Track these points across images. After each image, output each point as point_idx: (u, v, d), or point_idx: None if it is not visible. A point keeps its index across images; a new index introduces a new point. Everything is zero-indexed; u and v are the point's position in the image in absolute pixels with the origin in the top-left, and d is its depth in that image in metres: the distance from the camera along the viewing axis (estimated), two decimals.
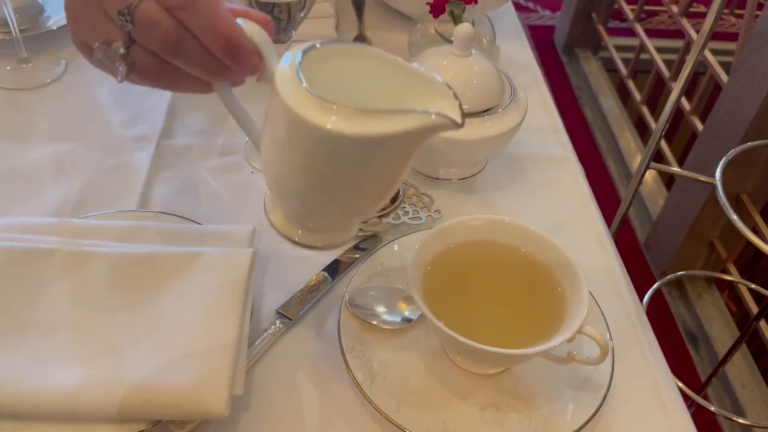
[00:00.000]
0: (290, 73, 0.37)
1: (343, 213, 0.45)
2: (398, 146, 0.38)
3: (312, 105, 0.36)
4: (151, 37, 0.38)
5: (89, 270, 0.54)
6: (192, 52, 0.39)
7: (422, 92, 0.40)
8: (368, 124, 0.36)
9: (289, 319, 0.56)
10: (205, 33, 0.38)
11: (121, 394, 0.46)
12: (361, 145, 0.37)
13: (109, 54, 0.39)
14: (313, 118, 0.36)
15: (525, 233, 0.54)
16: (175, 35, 0.38)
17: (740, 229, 0.72)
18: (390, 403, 0.50)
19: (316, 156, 0.38)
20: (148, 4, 0.37)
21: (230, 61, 0.40)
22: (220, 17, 0.38)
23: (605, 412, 0.52)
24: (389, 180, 0.42)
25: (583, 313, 0.48)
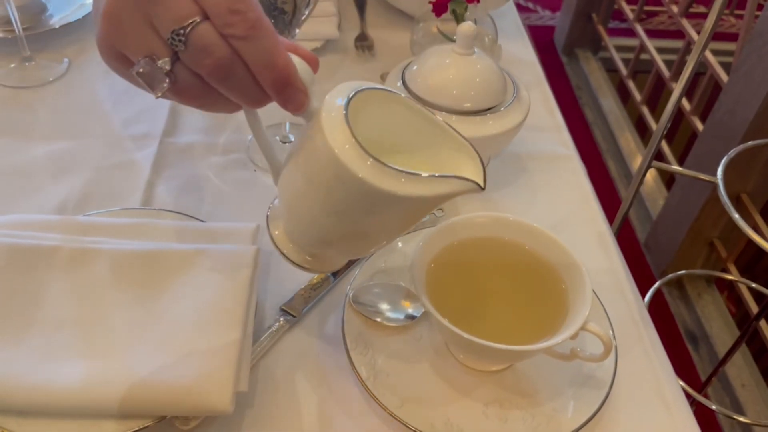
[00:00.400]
0: (339, 122, 0.39)
1: (351, 253, 0.49)
2: (430, 204, 0.43)
3: (361, 160, 0.38)
4: (201, 61, 0.37)
5: (93, 267, 0.54)
6: (240, 82, 0.38)
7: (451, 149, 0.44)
8: (413, 186, 0.39)
9: (293, 316, 0.56)
10: (259, 66, 0.38)
11: (125, 390, 0.46)
12: (402, 203, 0.40)
13: (152, 69, 0.37)
14: (363, 173, 0.38)
15: (528, 231, 0.54)
16: (227, 63, 0.37)
17: (742, 227, 0.73)
18: (393, 399, 0.50)
19: (354, 206, 0.40)
20: (206, 28, 0.36)
21: (278, 97, 0.39)
22: (277, 52, 0.38)
23: (608, 409, 0.52)
24: (401, 230, 0.46)
25: (586, 310, 0.48)
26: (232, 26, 0.36)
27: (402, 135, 0.46)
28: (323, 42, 0.87)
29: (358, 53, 0.88)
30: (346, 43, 0.90)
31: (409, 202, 0.40)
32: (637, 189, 0.79)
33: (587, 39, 2.47)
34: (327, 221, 0.42)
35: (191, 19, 0.36)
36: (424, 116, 0.45)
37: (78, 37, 0.86)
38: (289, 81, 0.39)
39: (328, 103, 0.40)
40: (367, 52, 0.89)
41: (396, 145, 0.46)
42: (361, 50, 0.89)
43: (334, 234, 0.44)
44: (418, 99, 0.66)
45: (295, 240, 0.46)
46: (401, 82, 0.68)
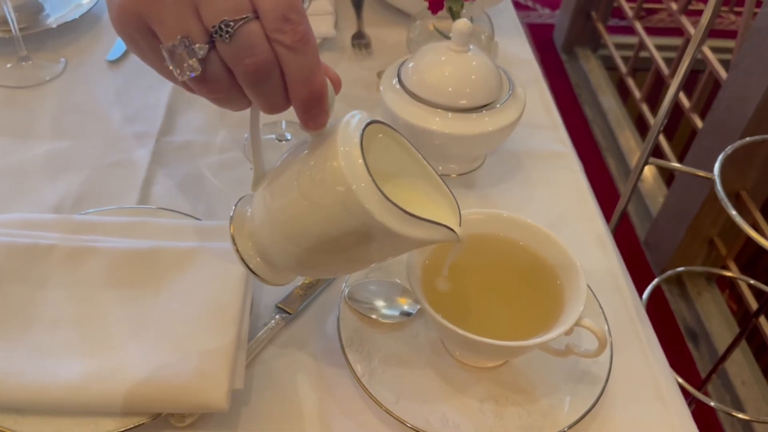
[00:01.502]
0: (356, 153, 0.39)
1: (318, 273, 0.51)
2: (417, 245, 0.44)
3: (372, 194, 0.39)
4: (242, 59, 0.36)
5: (90, 265, 0.54)
6: (271, 88, 0.38)
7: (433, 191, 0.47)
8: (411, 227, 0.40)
9: (289, 313, 0.56)
10: (297, 80, 0.37)
11: (121, 388, 0.47)
12: (395, 240, 0.41)
13: (187, 51, 0.36)
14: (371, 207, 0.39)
15: (524, 227, 0.54)
16: (266, 68, 0.36)
17: (739, 224, 0.73)
18: (389, 396, 0.50)
19: (348, 235, 0.40)
20: (256, 27, 0.35)
21: (304, 113, 0.39)
22: (317, 71, 0.37)
23: (604, 405, 0.52)
24: (382, 261, 0.47)
25: (580, 306, 0.48)
26: (282, 33, 0.36)
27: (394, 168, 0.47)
28: (320, 40, 0.87)
29: (355, 51, 0.88)
30: (343, 42, 0.90)
31: (402, 241, 0.41)
32: (634, 185, 0.78)
33: (587, 37, 2.47)
34: (313, 243, 0.42)
35: (245, 14, 0.35)
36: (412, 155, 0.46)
37: (75, 36, 0.86)
38: (320, 100, 0.39)
39: (346, 128, 0.40)
40: (364, 50, 0.89)
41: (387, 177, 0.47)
42: (358, 48, 0.89)
43: (313, 255, 0.43)
44: (414, 96, 0.66)
45: (261, 250, 0.45)
46: (397, 79, 0.68)
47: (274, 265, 0.45)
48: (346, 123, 0.41)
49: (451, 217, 0.45)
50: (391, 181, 0.46)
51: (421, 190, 0.47)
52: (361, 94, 0.82)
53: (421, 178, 0.47)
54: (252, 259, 0.45)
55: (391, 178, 0.46)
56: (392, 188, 0.45)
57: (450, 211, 0.46)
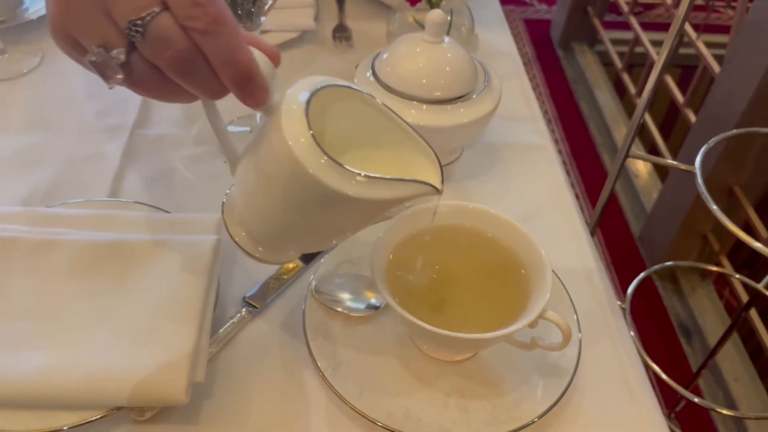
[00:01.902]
0: (297, 119, 0.38)
1: (304, 247, 0.49)
2: (386, 206, 0.42)
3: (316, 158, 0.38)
4: (160, 54, 0.36)
5: (53, 257, 0.53)
6: (200, 75, 0.37)
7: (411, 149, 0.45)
8: (372, 189, 0.39)
9: (256, 307, 0.56)
10: (220, 62, 0.37)
11: (80, 381, 0.46)
12: (356, 203, 0.40)
13: (106, 59, 0.36)
14: (317, 172, 0.38)
15: (490, 218, 0.53)
16: (187, 57, 0.36)
17: (720, 219, 0.72)
18: (353, 389, 0.50)
19: (307, 204, 0.40)
20: (166, 19, 0.35)
21: (238, 92, 0.39)
22: (239, 49, 0.37)
23: (572, 397, 0.51)
24: (358, 228, 0.46)
25: (544, 298, 0.47)
26: (193, 19, 0.35)
27: (366, 132, 0.46)
28: (300, 33, 0.86)
29: (336, 44, 0.88)
30: (323, 34, 0.89)
31: (364, 204, 0.40)
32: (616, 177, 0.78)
33: (583, 32, 2.46)
34: (281, 217, 0.42)
35: (150, 9, 0.35)
36: (386, 115, 0.45)
37: None
38: (251, 78, 0.38)
39: (288, 98, 0.40)
40: (345, 43, 0.88)
41: (360, 143, 0.47)
42: (338, 41, 0.88)
43: (288, 229, 0.43)
44: (388, 88, 0.65)
45: (248, 231, 0.46)
46: (371, 71, 0.67)
47: (263, 243, 0.46)
48: (291, 94, 0.40)
49: (431, 173, 0.44)
50: (364, 144, 0.46)
51: (398, 150, 0.46)
52: None
53: (397, 136, 0.45)
54: (243, 239, 0.46)
55: (363, 141, 0.46)
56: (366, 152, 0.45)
57: (429, 166, 0.44)
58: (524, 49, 2.52)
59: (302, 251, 0.50)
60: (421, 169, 0.44)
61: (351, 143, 0.46)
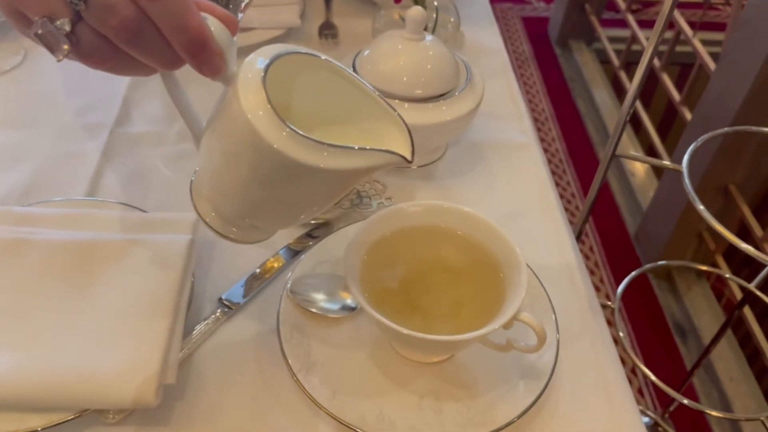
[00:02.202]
0: (255, 87, 0.37)
1: (274, 223, 0.47)
2: (354, 176, 0.41)
3: (277, 129, 0.36)
4: (106, 22, 0.35)
5: (24, 257, 0.53)
6: (150, 44, 0.36)
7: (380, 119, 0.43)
8: (337, 159, 0.38)
9: (231, 308, 0.55)
10: (170, 28, 0.36)
11: (47, 382, 0.45)
12: (322, 175, 0.38)
13: (51, 30, 0.35)
14: (278, 144, 0.36)
15: (466, 218, 0.52)
16: (134, 24, 0.35)
17: (707, 219, 0.71)
18: (326, 391, 0.49)
19: (271, 177, 0.39)
20: None
21: (192, 60, 0.37)
22: (188, 14, 0.36)
23: (549, 399, 0.51)
24: (328, 201, 0.45)
25: (519, 300, 0.46)
26: None
27: (332, 103, 0.44)
28: (285, 30, 0.86)
29: (322, 42, 0.87)
30: (310, 32, 0.89)
31: (330, 175, 0.39)
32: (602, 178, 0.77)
33: (581, 30, 2.45)
34: (246, 192, 0.41)
35: None
36: (354, 84, 0.43)
37: None
38: (203, 44, 0.37)
39: (246, 66, 0.38)
40: (331, 40, 0.87)
41: (326, 114, 0.45)
42: (324, 39, 0.87)
43: (255, 205, 0.42)
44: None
45: (217, 210, 0.45)
46: (352, 69, 0.66)
47: (233, 221, 0.45)
48: (249, 62, 0.39)
49: (400, 142, 0.42)
50: (331, 114, 0.45)
51: (366, 119, 0.44)
52: None
53: (365, 105, 0.44)
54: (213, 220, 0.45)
55: (330, 111, 0.45)
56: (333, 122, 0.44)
57: (399, 135, 0.43)
58: (522, 47, 2.51)
59: (274, 227, 0.48)
60: (391, 138, 0.43)
61: (320, 114, 0.45)
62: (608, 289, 1.67)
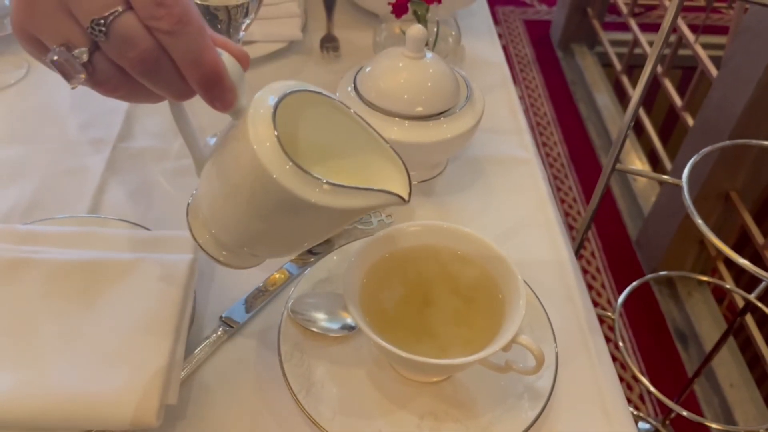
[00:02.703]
0: (264, 125, 0.38)
1: (270, 253, 0.48)
2: (351, 214, 0.42)
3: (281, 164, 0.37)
4: (125, 54, 0.35)
5: (27, 277, 0.53)
6: (165, 76, 0.37)
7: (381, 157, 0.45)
8: (336, 197, 0.39)
9: (231, 327, 0.55)
10: (186, 63, 0.36)
11: (48, 403, 0.46)
12: (322, 212, 0.40)
13: (68, 59, 0.35)
14: (284, 181, 0.38)
15: (465, 238, 0.53)
16: (151, 57, 0.35)
17: (704, 232, 0.71)
18: (326, 411, 0.49)
19: (272, 210, 0.40)
20: (129, 19, 0.34)
21: (205, 94, 0.38)
22: (205, 49, 0.36)
23: (547, 419, 0.51)
24: (326, 235, 0.46)
25: (517, 323, 0.47)
26: (158, 19, 0.35)
27: (338, 140, 0.46)
28: (287, 43, 0.86)
29: (323, 54, 0.87)
30: (311, 44, 0.89)
31: (328, 212, 0.40)
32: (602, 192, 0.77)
33: (583, 33, 2.45)
34: (244, 222, 0.42)
35: (113, 9, 0.34)
36: (357, 123, 0.45)
37: None
38: (218, 79, 0.37)
39: (256, 102, 0.39)
40: (332, 53, 0.88)
41: (332, 150, 0.46)
42: (326, 51, 0.88)
43: (251, 234, 0.43)
44: (369, 104, 0.65)
45: (212, 234, 0.45)
46: (352, 86, 0.67)
47: (227, 247, 0.45)
48: (259, 98, 0.39)
49: (399, 183, 0.44)
50: (333, 151, 0.46)
51: (367, 158, 0.46)
52: None
53: (366, 145, 0.45)
54: (207, 243, 0.46)
55: (333, 148, 0.46)
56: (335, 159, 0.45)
57: (398, 175, 0.44)
58: (523, 50, 2.51)
59: (267, 257, 0.49)
60: (390, 178, 0.44)
61: (323, 150, 0.46)
62: (609, 295, 1.67)
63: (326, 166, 0.46)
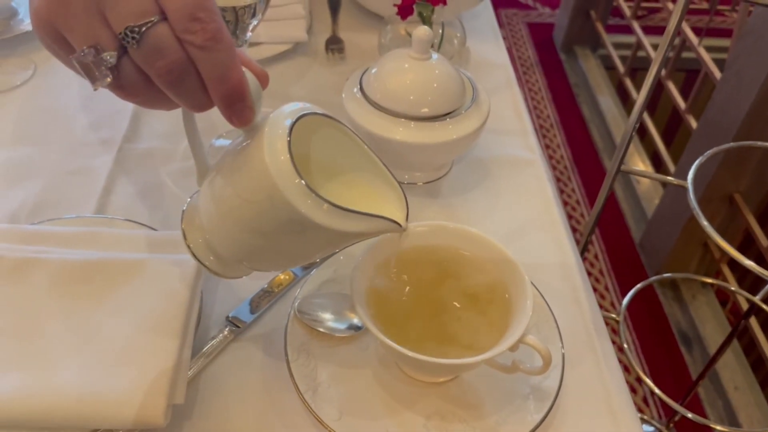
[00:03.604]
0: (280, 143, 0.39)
1: (261, 267, 0.49)
2: (348, 238, 0.43)
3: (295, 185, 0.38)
4: (153, 63, 0.36)
5: (34, 277, 0.53)
6: (189, 88, 0.37)
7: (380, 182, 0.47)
8: (336, 219, 0.40)
9: (238, 326, 0.56)
10: (212, 78, 0.37)
11: (56, 403, 0.46)
12: (321, 232, 0.41)
13: (95, 61, 0.36)
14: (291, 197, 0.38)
15: (472, 238, 0.53)
16: (179, 69, 0.36)
17: (710, 233, 0.71)
18: (332, 411, 0.49)
19: (277, 227, 0.41)
20: (163, 29, 0.35)
21: (226, 110, 0.39)
22: (233, 66, 0.37)
23: (554, 420, 0.51)
24: (317, 256, 0.47)
25: (525, 323, 0.47)
26: (191, 33, 0.35)
27: (344, 161, 0.47)
28: (292, 45, 0.86)
29: (328, 56, 0.88)
30: (316, 46, 0.89)
31: (327, 233, 0.41)
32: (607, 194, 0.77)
33: (586, 36, 2.45)
34: (242, 233, 0.42)
35: (149, 18, 0.35)
36: (360, 148, 0.47)
37: None
38: (241, 97, 0.38)
39: (272, 122, 0.40)
40: (337, 55, 0.88)
41: (333, 171, 0.48)
42: (331, 53, 0.88)
43: (247, 247, 0.44)
44: (375, 105, 0.65)
45: (209, 243, 0.45)
46: (358, 88, 0.67)
47: (222, 258, 0.46)
48: (275, 117, 0.41)
49: (397, 210, 0.46)
50: (337, 174, 0.48)
51: (368, 183, 0.47)
52: (331, 99, 0.81)
53: (368, 170, 0.47)
54: (201, 251, 0.46)
55: (337, 171, 0.47)
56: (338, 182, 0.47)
57: (397, 203, 0.46)
58: (527, 53, 2.52)
59: (256, 269, 0.49)
60: (388, 202, 0.46)
61: (328, 171, 0.48)
62: (613, 298, 1.67)
63: (329, 188, 0.48)
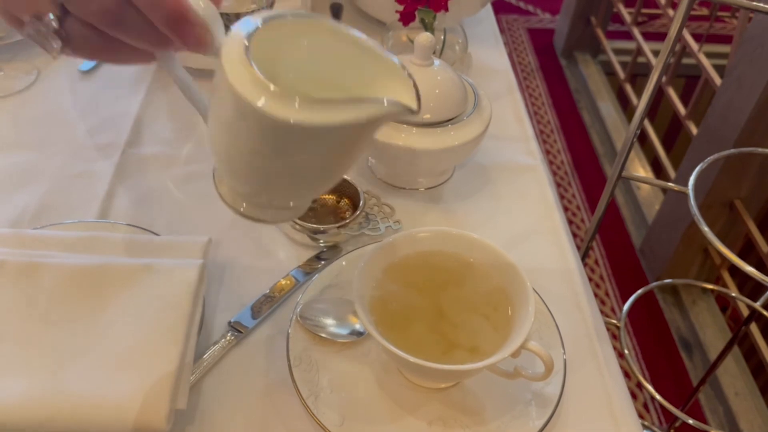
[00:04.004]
0: (237, 50, 0.35)
1: (286, 195, 0.44)
2: (348, 135, 0.37)
3: (259, 89, 0.34)
4: (86, 9, 0.35)
5: (37, 281, 0.53)
6: (133, 24, 0.36)
7: (377, 73, 0.39)
8: (318, 113, 0.34)
9: (240, 332, 0.56)
10: (146, 5, 0.36)
11: (59, 408, 0.46)
12: (309, 134, 0.35)
13: (41, 28, 0.36)
14: (260, 104, 0.34)
15: (474, 244, 0.53)
16: (113, 6, 0.35)
17: (711, 240, 0.71)
18: (335, 417, 0.49)
19: (260, 141, 0.36)
20: None
21: (174, 35, 0.37)
22: None
23: (555, 426, 0.51)
24: (336, 167, 0.42)
25: (526, 329, 0.47)
26: None
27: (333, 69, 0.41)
28: None
29: None
30: None
31: (320, 133, 0.35)
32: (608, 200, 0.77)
33: (586, 42, 2.45)
34: (242, 162, 0.39)
35: None
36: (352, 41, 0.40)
37: None
38: (182, 16, 0.36)
39: (232, 33, 0.36)
40: None
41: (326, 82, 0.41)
42: None
43: (256, 176, 0.40)
44: None
45: (235, 191, 0.43)
46: None
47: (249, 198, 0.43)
48: (236, 29, 0.36)
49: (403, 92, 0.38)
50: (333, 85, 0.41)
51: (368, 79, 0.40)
52: None
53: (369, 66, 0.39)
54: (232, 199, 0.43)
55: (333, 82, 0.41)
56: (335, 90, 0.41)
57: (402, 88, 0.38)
58: (527, 59, 2.52)
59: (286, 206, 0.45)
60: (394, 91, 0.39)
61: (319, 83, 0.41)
62: (613, 303, 1.67)
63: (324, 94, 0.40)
